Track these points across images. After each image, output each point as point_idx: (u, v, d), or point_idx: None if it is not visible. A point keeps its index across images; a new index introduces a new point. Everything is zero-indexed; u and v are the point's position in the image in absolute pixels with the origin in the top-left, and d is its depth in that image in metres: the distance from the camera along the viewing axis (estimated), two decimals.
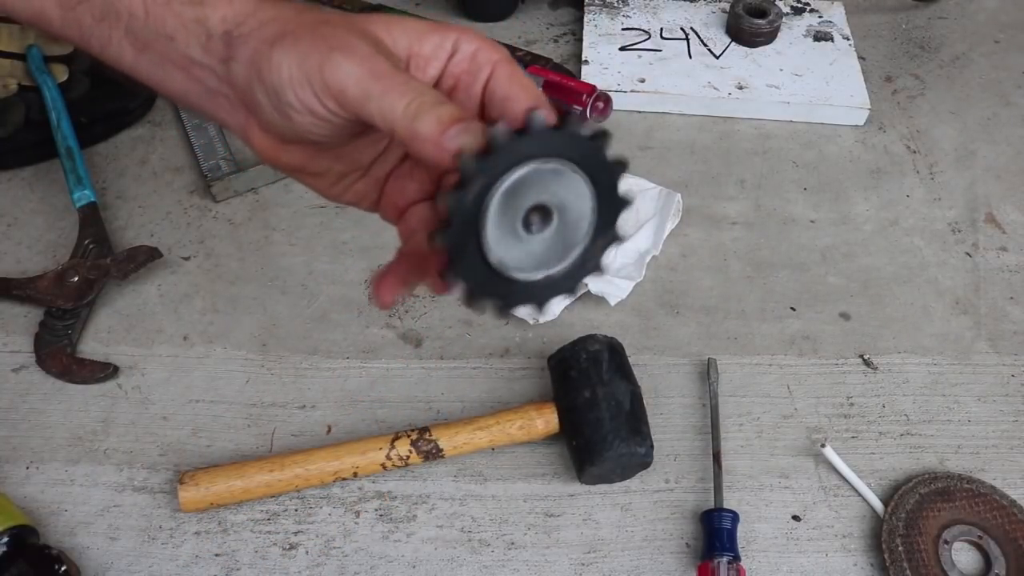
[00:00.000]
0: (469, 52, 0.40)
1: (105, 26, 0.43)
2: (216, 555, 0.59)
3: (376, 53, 0.36)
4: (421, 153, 0.35)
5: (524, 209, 0.35)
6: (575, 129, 0.34)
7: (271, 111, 0.38)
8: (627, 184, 0.40)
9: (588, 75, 0.90)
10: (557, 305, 0.71)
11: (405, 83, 0.35)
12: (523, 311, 0.69)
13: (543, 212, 0.36)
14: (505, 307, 0.38)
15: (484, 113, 0.40)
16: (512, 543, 0.60)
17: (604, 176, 0.36)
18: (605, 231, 0.38)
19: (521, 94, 0.39)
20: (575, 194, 0.36)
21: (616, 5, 0.98)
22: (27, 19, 0.45)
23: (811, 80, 0.90)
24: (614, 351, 0.63)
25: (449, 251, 0.35)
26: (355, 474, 0.61)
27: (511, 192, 0.34)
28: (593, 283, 0.70)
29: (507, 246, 0.36)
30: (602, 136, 0.36)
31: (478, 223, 0.34)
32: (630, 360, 0.64)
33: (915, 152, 0.88)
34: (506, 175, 0.34)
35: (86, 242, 0.73)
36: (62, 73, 0.82)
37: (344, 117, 0.37)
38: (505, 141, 0.33)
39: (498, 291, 0.37)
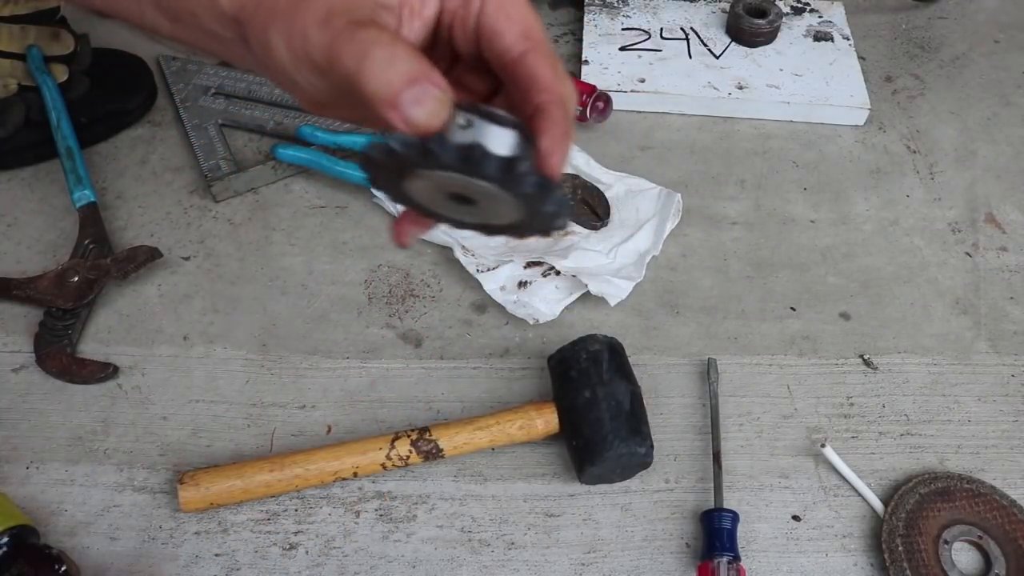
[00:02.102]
0: None
1: (134, 0, 0.42)
2: (216, 555, 0.59)
3: (335, 11, 0.34)
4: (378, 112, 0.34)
5: (448, 191, 0.36)
6: (521, 170, 0.34)
7: (290, 86, 0.38)
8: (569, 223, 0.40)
9: (588, 75, 0.90)
10: (558, 305, 0.71)
11: (368, 39, 0.33)
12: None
13: (467, 200, 0.36)
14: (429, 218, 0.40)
15: (480, 45, 0.39)
16: (512, 543, 0.60)
17: (537, 208, 0.36)
18: (531, 228, 0.39)
19: (508, 27, 0.37)
20: (503, 205, 0.36)
21: (616, 5, 0.98)
22: None
23: (811, 80, 0.90)
24: (614, 351, 0.63)
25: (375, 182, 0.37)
26: (355, 474, 0.60)
27: (436, 178, 0.35)
28: (593, 283, 0.70)
29: (428, 200, 0.37)
30: (547, 184, 0.35)
31: (400, 179, 0.36)
32: (630, 360, 0.64)
33: (915, 152, 0.88)
34: (431, 169, 0.34)
35: (86, 242, 0.73)
36: (62, 73, 0.82)
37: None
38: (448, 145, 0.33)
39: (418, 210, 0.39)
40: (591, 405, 0.59)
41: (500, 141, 0.34)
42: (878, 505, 0.62)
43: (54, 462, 0.62)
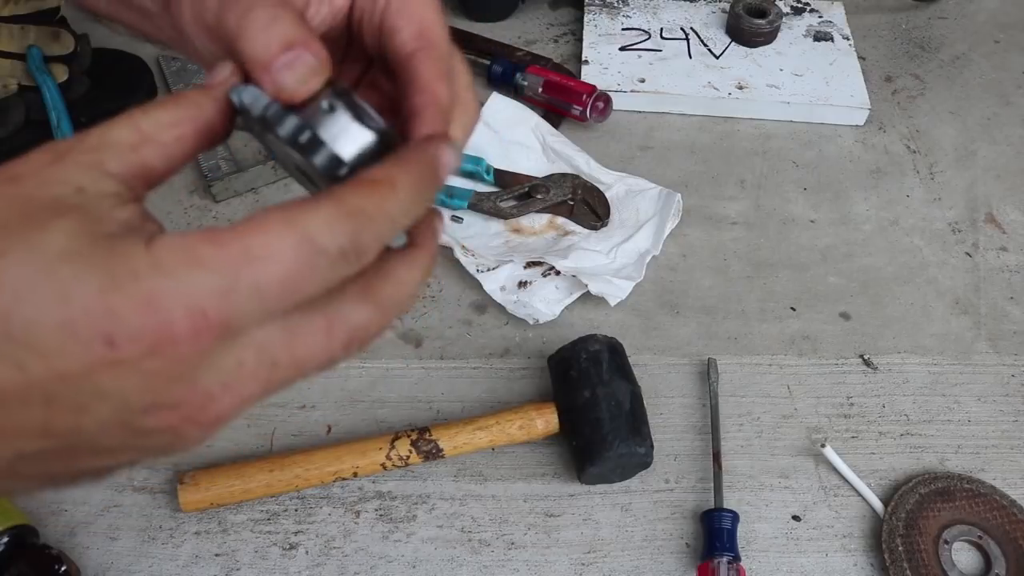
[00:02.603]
0: None
1: None
2: (216, 555, 0.59)
3: None
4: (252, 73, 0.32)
5: (293, 163, 0.34)
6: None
7: (199, 58, 0.37)
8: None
9: (588, 75, 0.90)
10: (558, 305, 0.71)
11: (253, 1, 0.32)
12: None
13: (310, 179, 0.35)
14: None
15: (382, 43, 0.37)
16: (512, 543, 0.60)
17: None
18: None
19: (404, 25, 0.35)
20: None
21: (616, 5, 0.98)
22: None
23: (811, 80, 0.90)
24: (614, 351, 0.63)
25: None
26: (355, 474, 0.60)
27: (281, 146, 0.33)
28: (593, 283, 0.70)
29: (285, 164, 0.35)
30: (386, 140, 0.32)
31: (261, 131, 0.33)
32: (630, 360, 0.64)
33: (915, 152, 0.88)
34: (270, 136, 0.32)
35: None
36: (62, 73, 0.82)
37: None
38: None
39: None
40: (591, 405, 0.59)
41: (348, 138, 0.32)
42: (878, 505, 0.62)
43: None
